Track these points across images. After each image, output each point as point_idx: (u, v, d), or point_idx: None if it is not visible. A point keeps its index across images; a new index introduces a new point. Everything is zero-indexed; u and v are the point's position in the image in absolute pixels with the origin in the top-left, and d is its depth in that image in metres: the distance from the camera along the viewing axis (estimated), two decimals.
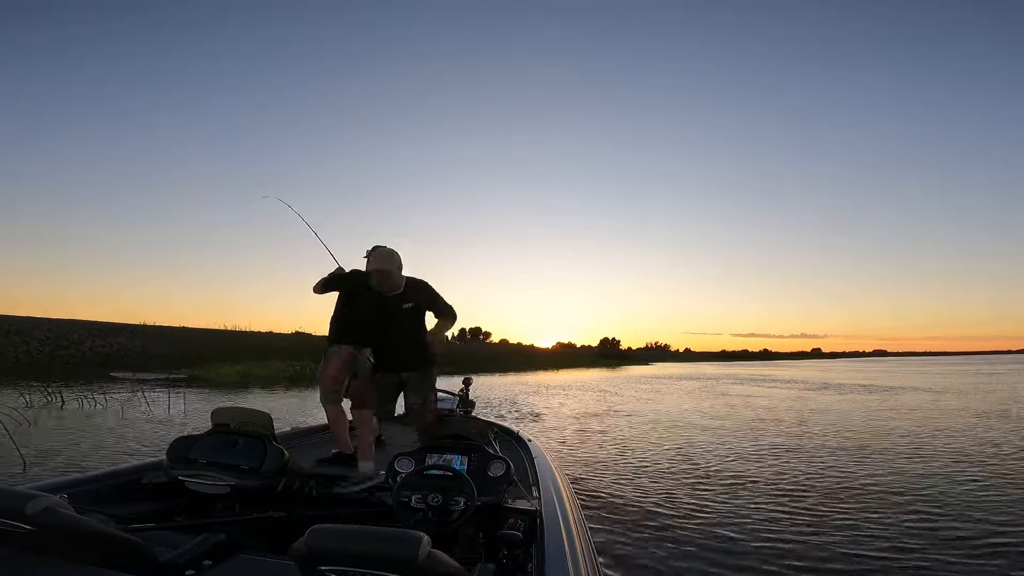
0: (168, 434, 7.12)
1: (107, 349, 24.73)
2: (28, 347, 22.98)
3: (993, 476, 5.29)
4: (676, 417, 10.38)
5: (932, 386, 19.14)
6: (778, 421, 9.64)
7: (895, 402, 13.30)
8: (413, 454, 2.15)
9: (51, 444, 6.13)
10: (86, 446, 6.15)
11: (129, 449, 6.10)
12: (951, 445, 7.04)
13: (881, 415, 10.56)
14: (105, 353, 24.19)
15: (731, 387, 19.82)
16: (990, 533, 3.63)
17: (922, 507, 4.24)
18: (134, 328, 29.38)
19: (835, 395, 15.88)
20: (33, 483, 1.84)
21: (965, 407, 11.84)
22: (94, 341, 25.16)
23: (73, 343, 24.44)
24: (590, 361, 52.50)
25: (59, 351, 23.35)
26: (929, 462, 5.98)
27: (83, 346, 24.45)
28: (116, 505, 1.90)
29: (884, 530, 3.71)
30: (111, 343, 25.41)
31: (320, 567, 0.97)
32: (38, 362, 21.74)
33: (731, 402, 13.64)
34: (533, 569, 1.53)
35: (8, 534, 1.13)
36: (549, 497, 1.98)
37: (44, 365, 21.06)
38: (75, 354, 23.45)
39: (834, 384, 21.17)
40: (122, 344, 25.52)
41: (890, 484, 4.98)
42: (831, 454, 6.46)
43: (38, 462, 5.21)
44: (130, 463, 2.30)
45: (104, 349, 24.66)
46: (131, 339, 26.39)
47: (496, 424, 3.70)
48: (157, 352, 24.81)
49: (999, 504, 4.33)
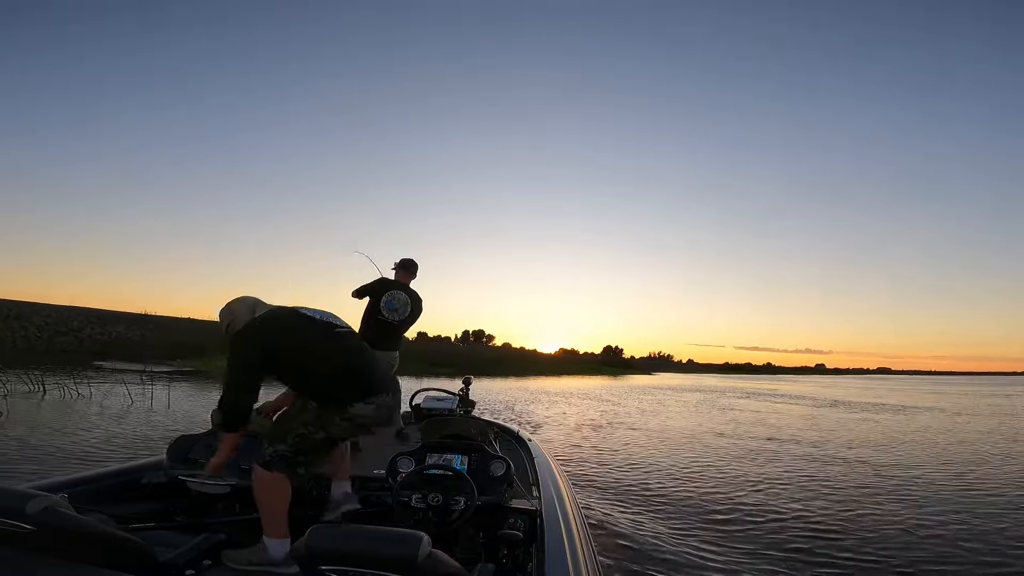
0: (143, 431, 6.73)
1: (105, 337, 24.50)
2: (26, 332, 22.78)
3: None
4: (686, 434, 9.90)
5: (948, 407, 18.51)
6: (796, 441, 9.11)
7: (917, 423, 12.72)
8: (413, 454, 2.13)
9: (21, 438, 5.75)
10: (59, 442, 5.78)
11: (96, 447, 5.71)
12: (995, 473, 6.55)
13: (909, 438, 9.93)
14: (103, 341, 23.98)
15: (738, 401, 19.24)
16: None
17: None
18: (134, 317, 29.22)
19: (849, 414, 15.29)
20: (33, 483, 1.83)
21: (992, 430, 11.31)
22: (93, 329, 24.97)
23: (72, 330, 24.24)
24: (593, 368, 51.88)
25: (57, 337, 23.15)
26: (981, 494, 5.48)
27: (82, 333, 24.24)
28: (116, 505, 1.89)
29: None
30: (110, 331, 25.21)
31: (320, 567, 0.98)
32: (35, 348, 21.55)
33: (740, 418, 13.11)
34: (533, 569, 1.54)
35: (8, 534, 1.14)
36: (549, 497, 1.97)
37: (41, 351, 20.86)
38: (73, 341, 23.24)
39: (845, 402, 20.53)
40: (121, 333, 25.30)
41: (941, 523, 4.44)
42: (856, 480, 5.98)
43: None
44: (130, 463, 2.26)
45: (103, 337, 24.43)
46: (130, 328, 26.19)
47: (496, 424, 3.63)
48: (156, 342, 24.57)
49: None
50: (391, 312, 3.76)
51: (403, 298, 3.81)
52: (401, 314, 3.78)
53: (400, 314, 3.77)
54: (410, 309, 3.82)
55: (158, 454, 2.25)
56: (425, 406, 4.11)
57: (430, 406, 4.10)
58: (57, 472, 3.95)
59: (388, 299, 3.77)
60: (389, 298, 3.77)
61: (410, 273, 3.95)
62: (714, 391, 26.22)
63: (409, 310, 3.82)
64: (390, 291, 3.80)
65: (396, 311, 3.77)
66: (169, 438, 2.45)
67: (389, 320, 3.76)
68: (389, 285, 3.84)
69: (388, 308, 3.76)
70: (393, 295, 3.79)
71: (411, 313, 3.85)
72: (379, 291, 3.79)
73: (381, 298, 3.76)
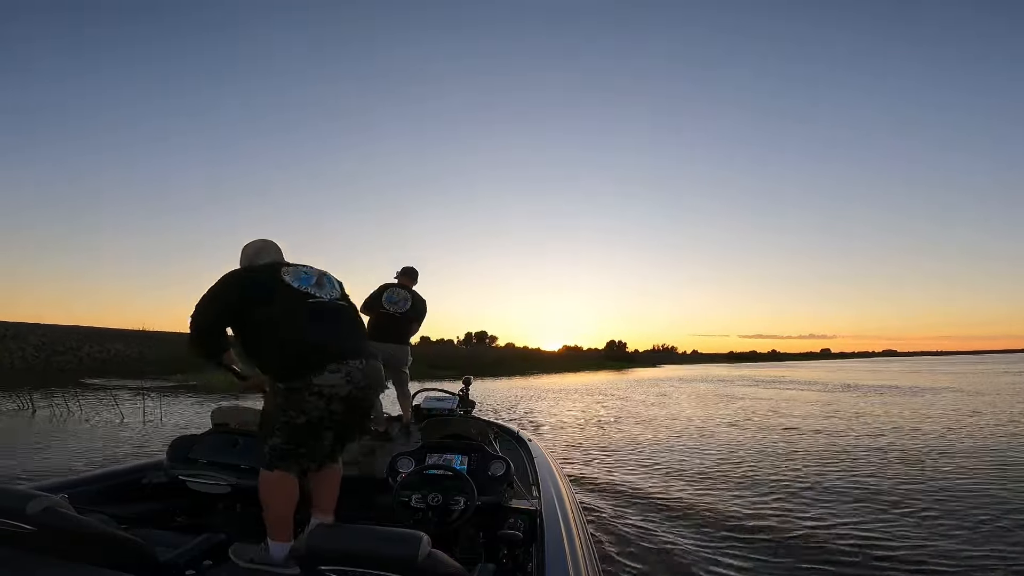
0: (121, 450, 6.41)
1: (104, 355, 24.26)
2: (24, 353, 22.55)
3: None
4: (696, 427, 9.54)
5: (967, 386, 18.16)
6: (816, 431, 8.59)
7: (941, 405, 12.30)
8: (413, 454, 2.14)
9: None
10: (40, 457, 5.47)
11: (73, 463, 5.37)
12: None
13: (938, 423, 9.20)
14: (102, 359, 23.74)
15: (747, 390, 18.88)
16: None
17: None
18: (132, 334, 28.93)
19: (866, 398, 14.91)
20: (33, 483, 1.85)
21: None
22: (91, 347, 24.71)
23: (70, 348, 23.98)
24: (596, 364, 51.59)
25: (55, 357, 22.92)
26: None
27: (80, 352, 24.00)
28: (116, 505, 1.90)
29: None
30: (108, 349, 24.95)
31: (320, 567, 1.01)
32: (33, 368, 21.35)
33: (752, 408, 12.75)
34: (533, 569, 1.54)
35: (8, 534, 1.15)
36: (549, 497, 1.97)
37: (39, 371, 20.71)
38: (72, 360, 22.99)
39: (858, 385, 20.13)
40: (119, 350, 25.04)
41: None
42: (891, 474, 5.60)
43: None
44: (130, 463, 2.25)
45: (101, 355, 24.20)
46: (129, 345, 25.93)
47: (496, 424, 3.66)
48: (155, 358, 24.28)
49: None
50: (391, 304, 4.04)
51: (403, 293, 4.11)
52: (402, 306, 4.04)
53: (400, 306, 4.03)
54: (411, 303, 4.08)
55: (158, 454, 2.24)
56: (425, 406, 4.18)
57: (430, 406, 4.16)
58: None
59: (388, 294, 4.07)
60: (389, 293, 4.07)
61: (411, 279, 4.24)
62: (722, 380, 25.85)
63: (410, 303, 4.08)
64: (390, 288, 4.12)
65: (396, 303, 4.04)
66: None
67: (391, 312, 4.02)
68: (389, 286, 4.15)
69: (389, 301, 4.04)
70: (393, 291, 4.10)
71: (412, 306, 4.09)
72: (380, 292, 4.10)
73: (382, 296, 4.06)
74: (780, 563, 3.11)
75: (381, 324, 3.93)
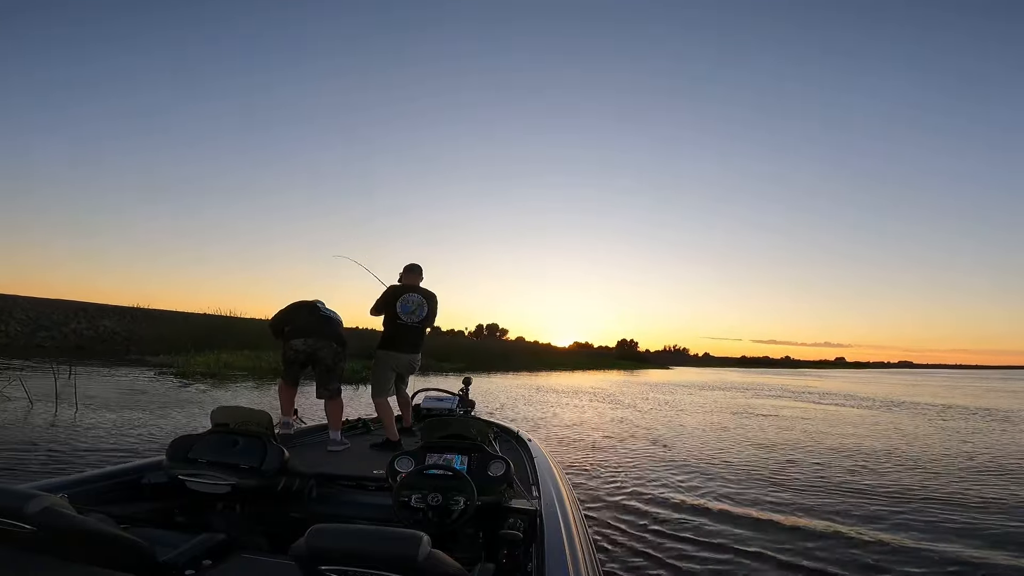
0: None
1: (91, 332, 23.30)
2: (7, 327, 21.66)
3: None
4: (720, 447, 7.82)
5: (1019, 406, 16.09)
6: (905, 490, 6.15)
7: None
8: (413, 453, 2.19)
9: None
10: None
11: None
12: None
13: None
14: (89, 336, 22.78)
15: (771, 402, 17.11)
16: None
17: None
18: (124, 310, 28.07)
19: (917, 417, 12.98)
20: (33, 483, 1.84)
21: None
22: (79, 323, 23.80)
23: (56, 324, 23.05)
24: (607, 363, 50.03)
25: (40, 331, 22.02)
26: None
27: (66, 327, 23.06)
28: (116, 505, 1.92)
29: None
30: (97, 325, 24.01)
31: (320, 567, 1.00)
32: (14, 343, 20.48)
33: (786, 425, 10.99)
34: (533, 569, 1.57)
35: (8, 534, 1.14)
36: (549, 497, 2.04)
37: (20, 346, 19.86)
38: (56, 336, 22.05)
39: (893, 401, 18.12)
40: (107, 327, 24.09)
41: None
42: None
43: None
44: (130, 463, 2.29)
45: (88, 332, 23.24)
46: (118, 322, 25.06)
47: (496, 424, 3.73)
48: (145, 336, 23.26)
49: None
50: (408, 315, 3.85)
51: (417, 299, 3.89)
52: (418, 316, 3.87)
53: (417, 316, 3.87)
54: (427, 309, 3.91)
55: (158, 454, 2.22)
56: (425, 406, 4.25)
57: (430, 406, 4.24)
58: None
59: (403, 303, 3.86)
60: (403, 302, 3.86)
61: (417, 276, 4.04)
62: (740, 389, 24.01)
63: (426, 310, 3.91)
64: (403, 295, 3.88)
65: (413, 313, 3.86)
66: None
67: (408, 323, 3.85)
68: (400, 290, 3.91)
69: (405, 312, 3.85)
70: (407, 298, 3.88)
71: (428, 313, 3.93)
72: (392, 298, 3.88)
73: (396, 304, 3.84)
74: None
75: (399, 336, 3.84)
